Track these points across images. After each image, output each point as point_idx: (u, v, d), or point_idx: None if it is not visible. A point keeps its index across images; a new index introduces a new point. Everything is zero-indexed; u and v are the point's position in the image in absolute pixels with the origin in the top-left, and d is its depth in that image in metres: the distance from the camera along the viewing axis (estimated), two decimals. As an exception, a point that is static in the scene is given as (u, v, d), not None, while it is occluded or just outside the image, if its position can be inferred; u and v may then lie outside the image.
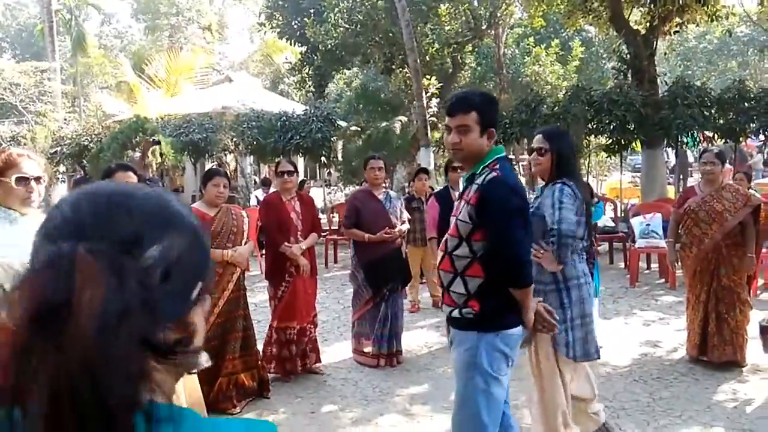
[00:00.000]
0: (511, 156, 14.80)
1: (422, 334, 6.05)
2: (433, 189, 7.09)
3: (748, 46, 24.83)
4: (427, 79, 14.09)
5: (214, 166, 7.23)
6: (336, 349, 5.61)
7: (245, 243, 4.24)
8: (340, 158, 13.36)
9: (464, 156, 2.59)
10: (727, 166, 11.82)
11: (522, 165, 14.58)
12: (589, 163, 14.21)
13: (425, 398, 4.46)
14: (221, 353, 4.23)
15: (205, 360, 0.76)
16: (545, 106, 11.25)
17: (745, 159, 14.27)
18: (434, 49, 15.67)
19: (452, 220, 2.65)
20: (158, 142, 10.93)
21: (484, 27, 16.68)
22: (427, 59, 15.49)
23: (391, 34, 14.95)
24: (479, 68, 19.00)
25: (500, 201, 2.47)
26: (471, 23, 16.27)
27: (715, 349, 4.63)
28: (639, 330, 5.86)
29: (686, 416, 3.94)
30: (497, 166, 2.55)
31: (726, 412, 3.95)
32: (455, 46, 16.30)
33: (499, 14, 16.45)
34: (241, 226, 4.18)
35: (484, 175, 2.53)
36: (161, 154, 10.81)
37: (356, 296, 5.24)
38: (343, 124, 13.76)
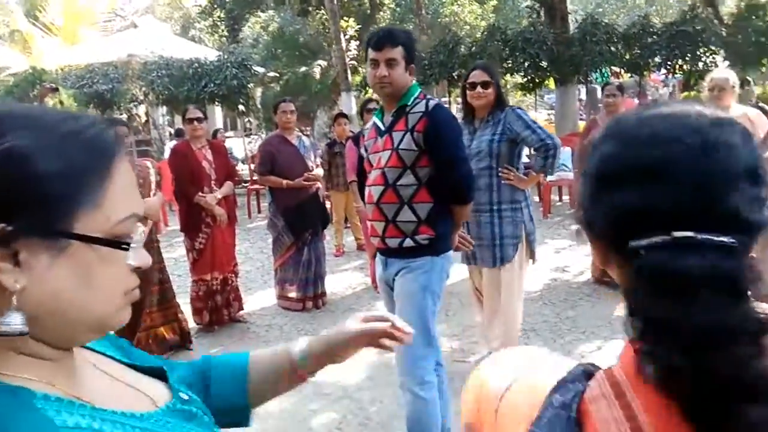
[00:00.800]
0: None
1: (346, 277, 6.15)
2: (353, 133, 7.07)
3: (654, -18, 25.60)
4: (345, 21, 13.82)
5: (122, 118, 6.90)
6: (260, 297, 5.63)
7: (154, 195, 4.12)
8: (258, 105, 13.04)
9: (392, 90, 2.59)
10: (635, 101, 12.39)
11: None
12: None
13: (349, 336, 4.57)
14: (138, 308, 4.16)
15: (19, 322, 0.62)
16: (463, 47, 11.32)
17: (645, 93, 14.93)
18: (350, -11, 15.33)
19: (380, 155, 2.64)
20: (56, 89, 10.29)
21: (400, -35, 16.41)
22: (345, 0, 15.15)
23: (304, -26, 14.47)
24: (398, 9, 18.76)
25: (450, 123, 2.64)
26: (387, -38, 15.95)
27: (617, 271, 4.94)
28: (550, 257, 6.18)
29: (589, 332, 4.27)
30: (428, 97, 2.64)
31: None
32: (372, -15, 15.98)
33: (414, -48, 16.19)
34: (147, 178, 4.05)
35: (421, 104, 2.58)
36: (61, 102, 10.21)
37: (277, 243, 5.23)
38: (260, 70, 13.35)
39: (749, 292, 0.60)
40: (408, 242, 2.60)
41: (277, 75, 12.99)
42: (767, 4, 11.60)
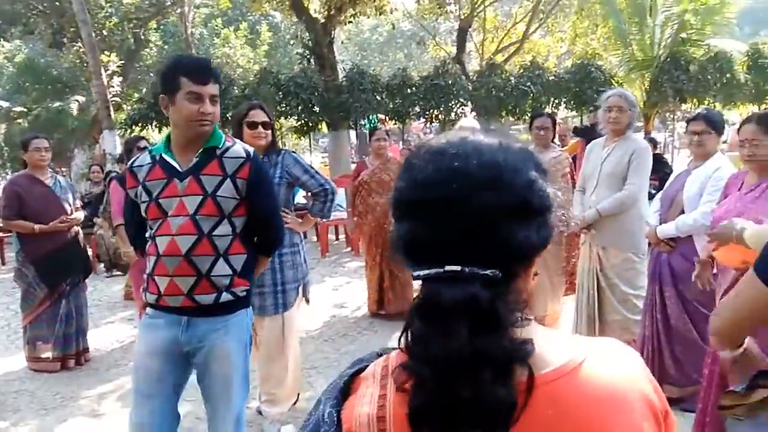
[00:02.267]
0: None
1: (112, 330, 5.62)
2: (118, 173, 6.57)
3: (411, 39, 28.34)
4: (106, 55, 12.92)
5: None
6: (6, 361, 4.87)
7: None
8: (2, 143, 11.48)
9: (210, 129, 2.36)
10: (399, 146, 13.50)
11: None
12: (283, 145, 14.76)
13: (117, 395, 4.16)
14: None
15: None
16: (236, 88, 11.29)
17: (408, 140, 16.38)
18: (112, 23, 14.42)
19: (183, 200, 2.31)
20: None
21: (167, 3, 15.90)
22: (105, 34, 14.18)
23: (57, 3, 13.25)
24: (166, 47, 18.09)
25: (267, 171, 2.58)
26: (153, -2, 15.36)
27: (389, 303, 5.27)
28: (328, 295, 6.35)
29: (367, 364, 4.42)
30: (236, 140, 2.49)
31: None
32: (136, 21, 15.23)
33: (182, -9, 15.86)
34: None
35: (237, 148, 2.40)
36: None
37: (27, 297, 4.61)
38: (3, 104, 11.80)
39: (507, 320, 0.68)
40: (226, 296, 2.36)
41: (26, 110, 11.56)
42: (503, 65, 13.59)
